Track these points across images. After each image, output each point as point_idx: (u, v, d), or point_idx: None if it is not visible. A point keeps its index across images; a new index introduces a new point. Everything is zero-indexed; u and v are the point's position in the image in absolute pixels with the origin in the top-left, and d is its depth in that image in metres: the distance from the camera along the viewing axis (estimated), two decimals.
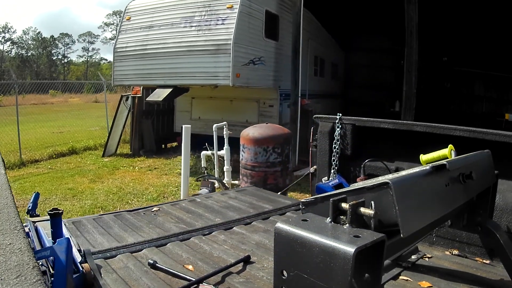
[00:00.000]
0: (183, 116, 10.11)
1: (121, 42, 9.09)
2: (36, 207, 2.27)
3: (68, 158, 10.36)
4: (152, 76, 8.54)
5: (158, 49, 8.35)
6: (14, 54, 64.88)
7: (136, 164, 9.21)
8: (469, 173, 1.42)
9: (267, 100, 9.09)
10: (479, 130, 2.31)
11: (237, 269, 1.95)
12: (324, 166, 3.11)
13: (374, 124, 2.86)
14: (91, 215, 2.93)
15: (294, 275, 0.95)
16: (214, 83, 7.91)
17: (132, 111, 10.40)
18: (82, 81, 37.77)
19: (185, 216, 2.79)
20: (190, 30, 7.98)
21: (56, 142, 11.95)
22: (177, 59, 8.09)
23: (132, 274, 1.88)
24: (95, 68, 67.63)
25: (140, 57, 8.64)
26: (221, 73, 7.55)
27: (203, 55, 7.73)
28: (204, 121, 9.50)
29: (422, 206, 1.15)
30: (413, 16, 8.26)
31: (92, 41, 71.66)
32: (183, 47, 7.99)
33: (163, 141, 11.35)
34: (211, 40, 7.66)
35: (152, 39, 8.49)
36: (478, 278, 1.98)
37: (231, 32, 7.47)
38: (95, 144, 11.85)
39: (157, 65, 8.39)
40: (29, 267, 0.70)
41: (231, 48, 7.41)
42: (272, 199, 3.24)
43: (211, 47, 7.64)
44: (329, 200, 1.01)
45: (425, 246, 2.38)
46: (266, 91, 8.87)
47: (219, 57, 7.55)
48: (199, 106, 9.91)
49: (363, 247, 0.85)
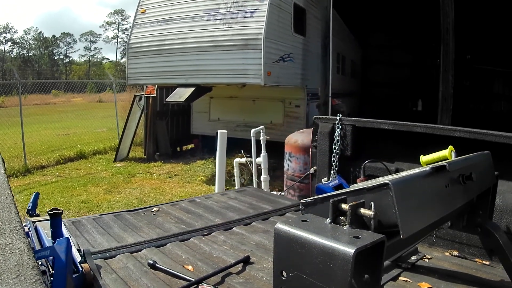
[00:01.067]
0: (201, 117, 9.56)
1: (135, 37, 8.33)
2: (36, 206, 2.27)
3: (77, 163, 9.67)
4: (171, 74, 7.86)
5: (178, 45, 7.65)
6: (15, 54, 64.87)
7: (153, 170, 8.52)
8: (469, 174, 1.42)
9: (294, 100, 8.44)
10: (479, 131, 2.31)
11: (237, 270, 1.95)
12: (324, 167, 3.11)
13: (374, 125, 2.86)
14: (91, 215, 2.93)
15: (293, 275, 0.95)
16: (243, 82, 7.24)
17: (146, 112, 9.72)
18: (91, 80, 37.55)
19: (185, 217, 2.79)
20: (214, 24, 7.28)
21: (62, 145, 11.28)
22: (200, 55, 7.41)
23: (131, 274, 1.88)
24: (97, 68, 67.61)
25: (158, 54, 7.92)
26: (251, 71, 6.93)
27: (230, 51, 7.09)
28: (224, 123, 8.80)
29: (422, 207, 1.15)
30: (449, 12, 7.73)
31: (94, 40, 71.66)
32: (206, 42, 7.31)
33: (178, 144, 10.68)
34: (239, 35, 7.00)
35: (171, 34, 7.76)
36: (478, 279, 1.97)
37: (262, 25, 6.80)
38: (105, 147, 11.14)
39: (177, 62, 7.70)
40: (28, 267, 0.70)
41: (262, 43, 6.75)
42: (272, 200, 3.24)
43: (238, 42, 6.98)
44: (329, 200, 1.01)
45: (425, 247, 2.38)
46: (292, 90, 8.24)
47: (248, 53, 6.91)
48: (219, 106, 9.23)
49: (363, 248, 0.85)
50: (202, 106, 9.37)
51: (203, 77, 7.45)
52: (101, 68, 66.98)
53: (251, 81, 6.97)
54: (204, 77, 7.45)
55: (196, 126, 9.89)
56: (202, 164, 8.75)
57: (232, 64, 7.07)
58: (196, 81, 7.52)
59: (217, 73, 7.27)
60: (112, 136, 12.58)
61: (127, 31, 71.06)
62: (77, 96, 22.06)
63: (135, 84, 9.21)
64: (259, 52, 6.77)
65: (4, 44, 64.11)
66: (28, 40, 66.69)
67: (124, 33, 71.40)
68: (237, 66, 7.03)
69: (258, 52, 6.77)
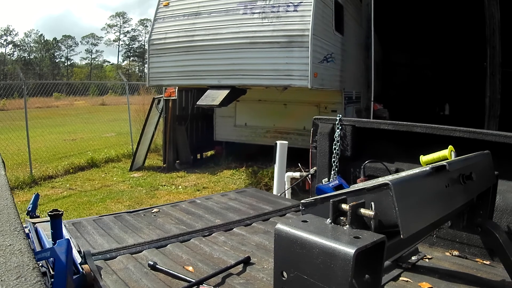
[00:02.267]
0: (225, 123, 8.76)
1: (158, 32, 7.49)
2: (36, 208, 2.27)
3: (89, 173, 8.71)
4: (201, 75, 7.06)
5: (209, 41, 6.86)
6: (16, 57, 64.84)
7: (178, 182, 7.62)
8: (469, 174, 1.42)
9: (330, 104, 7.66)
10: (478, 131, 2.31)
11: (237, 270, 1.95)
12: (324, 167, 3.11)
13: (374, 125, 2.86)
14: (91, 216, 2.93)
15: (294, 276, 0.95)
16: (286, 84, 6.49)
17: (165, 117, 8.84)
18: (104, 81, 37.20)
19: (185, 218, 2.79)
20: (252, 18, 6.53)
21: (69, 152, 10.44)
22: (236, 53, 6.66)
23: (132, 275, 1.88)
24: (98, 70, 67.48)
25: (185, 51, 7.12)
26: (296, 71, 6.22)
27: (271, 49, 6.35)
28: (251, 129, 8.33)
29: (422, 207, 1.15)
30: (495, 13, 7.28)
31: (96, 43, 71.46)
32: (243, 39, 6.56)
33: (199, 151, 9.81)
34: (282, 31, 6.27)
35: (201, 29, 6.96)
36: (479, 279, 1.97)
37: (308, 21, 6.10)
38: (117, 154, 10.25)
39: (208, 60, 6.92)
40: (29, 268, 0.70)
41: (309, 40, 6.04)
42: (272, 201, 3.24)
43: (281, 39, 6.26)
44: (329, 201, 1.01)
45: (425, 247, 2.38)
46: (328, 93, 7.49)
47: (292, 51, 6.20)
48: (245, 110, 8.39)
49: (363, 248, 0.85)
50: (227, 110, 8.41)
51: (239, 78, 6.69)
52: (103, 71, 66.97)
53: (296, 83, 6.27)
54: (240, 78, 6.69)
55: (219, 132, 9.08)
56: (230, 174, 8.00)
57: (273, 64, 6.36)
58: (230, 83, 6.78)
59: (255, 74, 6.55)
60: (123, 141, 11.77)
61: (128, 33, 71.03)
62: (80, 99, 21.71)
63: (158, 85, 8.28)
64: (305, 51, 6.07)
65: (5, 46, 64.15)
66: (29, 42, 66.67)
67: (125, 36, 71.60)
68: (280, 66, 6.32)
69: (305, 51, 6.07)
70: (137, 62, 72.24)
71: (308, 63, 6.04)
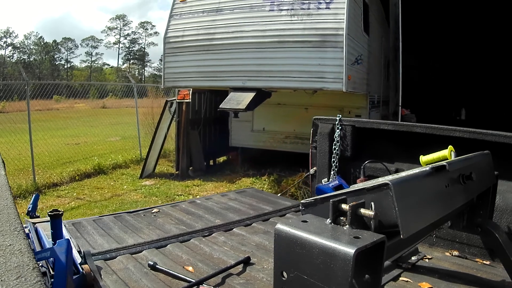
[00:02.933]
0: (242, 127, 8.25)
1: (174, 30, 7.01)
2: (36, 208, 2.27)
3: (96, 180, 8.13)
4: (222, 76, 6.61)
5: (233, 40, 6.40)
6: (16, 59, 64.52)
7: (195, 191, 7.13)
8: (469, 174, 1.42)
9: (354, 109, 7.25)
10: (478, 131, 2.31)
11: (237, 271, 1.95)
12: (324, 168, 3.10)
13: (374, 125, 2.86)
14: (91, 217, 2.93)
15: (294, 276, 0.95)
16: (319, 87, 6.05)
17: (178, 121, 8.29)
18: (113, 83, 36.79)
19: (185, 218, 2.79)
20: (280, 15, 6.13)
21: (73, 157, 9.86)
22: (262, 53, 6.22)
23: (132, 276, 1.88)
24: (98, 73, 67.23)
25: (205, 50, 6.66)
26: (329, 73, 5.83)
27: (302, 49, 5.95)
28: (270, 134, 7.86)
29: (422, 207, 1.15)
30: None
31: (96, 45, 71.14)
32: (270, 37, 6.14)
33: (211, 157, 9.26)
34: (313, 29, 5.88)
35: (222, 26, 6.51)
36: (478, 279, 1.97)
37: (342, 19, 5.72)
38: (125, 160, 9.68)
39: (231, 60, 6.49)
40: (29, 268, 0.70)
41: (344, 40, 5.67)
42: (272, 201, 3.24)
43: (313, 38, 5.86)
44: (329, 201, 1.01)
45: (425, 247, 2.38)
46: (352, 97, 7.02)
47: (326, 52, 5.82)
48: (264, 114, 7.78)
49: (363, 248, 0.85)
50: (244, 114, 7.80)
51: (266, 80, 6.24)
52: (102, 74, 66.74)
53: (329, 86, 5.87)
54: (267, 80, 6.23)
55: (235, 138, 8.54)
56: (250, 183, 7.55)
57: (304, 65, 5.95)
58: (256, 85, 6.28)
59: (284, 75, 6.10)
60: (129, 146, 11.24)
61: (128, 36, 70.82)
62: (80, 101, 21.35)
63: (174, 86, 7.67)
64: (340, 51, 5.69)
65: (4, 49, 63.92)
66: (28, 45, 66.33)
67: (125, 38, 71.39)
68: (312, 68, 5.90)
69: (339, 51, 5.70)
70: (137, 65, 72.18)
71: (342, 65, 5.70)
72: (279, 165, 7.71)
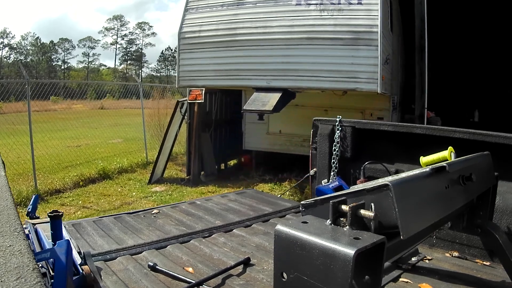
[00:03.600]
0: (257, 130, 7.76)
1: (190, 24, 6.56)
2: (36, 209, 2.27)
3: (101, 186, 7.62)
4: (245, 74, 6.20)
5: (256, 35, 6.01)
6: (12, 59, 64.20)
7: None
8: (469, 175, 1.42)
9: (376, 111, 6.81)
10: (478, 132, 2.31)
11: (237, 272, 1.95)
12: (324, 169, 3.10)
13: (374, 126, 2.86)
14: (91, 218, 2.93)
15: (294, 277, 0.95)
16: (351, 88, 5.67)
17: (189, 123, 7.82)
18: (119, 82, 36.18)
19: (185, 219, 2.79)
20: (308, 10, 5.80)
21: (75, 160, 9.32)
22: (289, 50, 5.86)
23: (132, 276, 1.88)
24: (95, 74, 66.88)
25: (225, 47, 6.25)
26: (362, 73, 5.50)
27: (333, 47, 5.61)
28: (287, 137, 7.46)
29: (422, 208, 1.15)
30: None
31: (93, 46, 70.76)
32: (298, 34, 5.79)
33: (222, 160, 8.82)
34: (346, 26, 5.55)
35: (245, 21, 6.10)
36: (478, 280, 1.97)
37: (376, 16, 5.40)
38: (131, 164, 9.15)
39: (254, 58, 6.09)
40: (29, 269, 0.70)
41: (378, 38, 5.34)
42: (272, 202, 3.24)
43: (346, 35, 5.54)
44: (329, 202, 1.01)
45: (425, 248, 2.38)
46: (374, 99, 6.54)
47: (358, 50, 5.48)
48: (280, 116, 7.22)
49: (363, 249, 0.85)
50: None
51: (293, 80, 5.86)
52: (99, 75, 66.47)
53: (363, 87, 5.52)
54: (294, 80, 5.86)
55: (249, 141, 8.06)
56: (269, 189, 7.14)
57: (335, 64, 5.61)
58: (282, 84, 5.92)
59: (313, 75, 5.73)
60: (133, 148, 10.83)
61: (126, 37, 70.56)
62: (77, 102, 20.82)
63: (190, 86, 7.07)
64: (374, 50, 5.36)
65: (1, 49, 63.60)
66: (25, 45, 65.92)
67: (123, 39, 71.16)
68: (343, 67, 5.56)
69: (373, 50, 5.37)
70: (134, 65, 71.84)
71: (377, 64, 5.37)
72: (295, 169, 7.38)
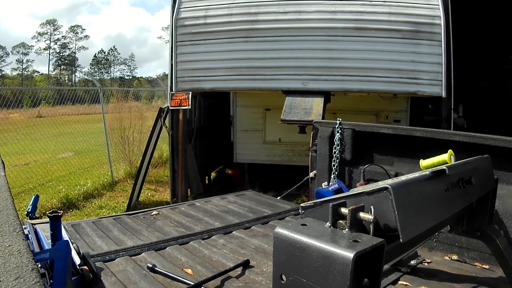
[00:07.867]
0: (251, 139, 6.59)
1: (189, 9, 5.13)
2: (36, 209, 2.27)
3: (68, 219, 5.85)
4: (272, 74, 5.00)
5: (286, 23, 4.77)
6: None
7: None
8: (469, 178, 1.42)
9: (392, 113, 5.99)
10: (478, 135, 2.31)
11: (236, 273, 1.94)
12: (324, 171, 3.11)
13: (374, 129, 2.86)
14: (90, 218, 2.92)
15: (293, 279, 0.95)
16: (413, 91, 4.72)
17: (172, 134, 6.33)
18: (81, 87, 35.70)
19: (185, 220, 2.79)
20: None
21: (27, 184, 7.53)
22: (332, 43, 4.73)
23: (131, 278, 1.88)
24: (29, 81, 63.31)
25: (242, 37, 4.94)
26: (424, 73, 4.59)
27: (389, 40, 4.61)
28: (288, 146, 6.37)
29: (422, 211, 1.15)
30: None
31: (26, 52, 67.29)
32: (343, 22, 4.66)
33: (205, 173, 7.49)
34: (402, 15, 4.55)
35: (268, 4, 4.83)
36: (477, 283, 1.97)
37: (437, 4, 4.49)
38: (95, 186, 7.56)
39: (284, 53, 4.89)
40: (28, 269, 0.70)
41: (442, 31, 4.44)
42: (271, 204, 3.23)
43: (403, 26, 4.54)
44: (328, 204, 1.01)
45: (425, 251, 2.38)
46: (390, 99, 5.72)
47: (419, 45, 4.55)
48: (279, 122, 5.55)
49: (363, 252, 0.85)
50: (252, 122, 6.32)
51: (338, 80, 4.80)
52: (33, 81, 63.23)
53: (426, 90, 4.59)
54: (340, 80, 4.79)
55: (241, 152, 6.76)
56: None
57: (391, 61, 4.64)
58: (324, 86, 4.84)
59: (364, 74, 4.75)
60: (87, 164, 9.39)
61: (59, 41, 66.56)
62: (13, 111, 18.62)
63: (193, 89, 5.52)
64: (437, 46, 4.48)
65: None
66: None
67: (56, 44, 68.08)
68: (403, 65, 4.62)
69: (436, 46, 4.49)
70: (67, 70, 69.55)
71: (440, 63, 4.49)
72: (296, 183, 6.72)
